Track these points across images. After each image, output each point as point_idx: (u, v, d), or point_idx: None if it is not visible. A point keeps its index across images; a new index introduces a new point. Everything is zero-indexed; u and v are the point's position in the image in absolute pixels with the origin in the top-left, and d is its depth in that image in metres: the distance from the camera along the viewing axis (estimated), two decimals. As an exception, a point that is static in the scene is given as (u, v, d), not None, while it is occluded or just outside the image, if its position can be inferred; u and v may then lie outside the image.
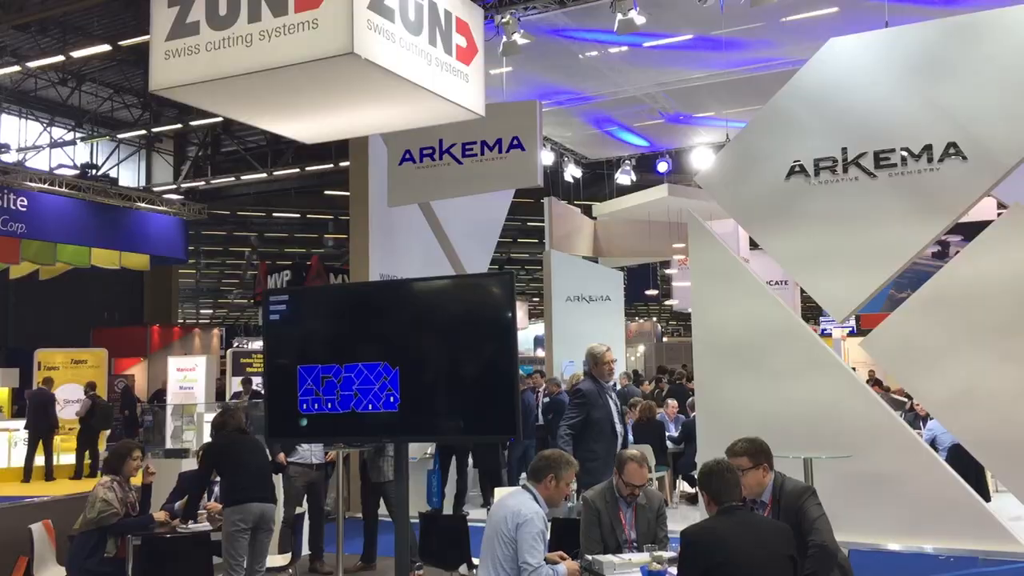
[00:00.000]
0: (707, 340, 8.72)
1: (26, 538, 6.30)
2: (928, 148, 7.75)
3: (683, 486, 11.03)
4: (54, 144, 18.74)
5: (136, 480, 6.57)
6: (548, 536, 4.56)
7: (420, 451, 10.53)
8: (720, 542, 3.78)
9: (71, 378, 15.95)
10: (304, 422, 3.98)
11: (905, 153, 7.83)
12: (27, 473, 13.97)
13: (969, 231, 9.50)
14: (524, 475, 5.14)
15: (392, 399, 3.84)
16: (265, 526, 6.17)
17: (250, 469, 6.14)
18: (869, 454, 7.41)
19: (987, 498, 8.13)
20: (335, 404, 3.89)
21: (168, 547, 5.55)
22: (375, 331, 4.07)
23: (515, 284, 3.94)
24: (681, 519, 8.67)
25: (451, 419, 4.06)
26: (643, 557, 4.47)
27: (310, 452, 7.96)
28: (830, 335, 21.51)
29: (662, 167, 16.38)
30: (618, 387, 14.51)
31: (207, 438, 7.70)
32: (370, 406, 3.87)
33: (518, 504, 4.37)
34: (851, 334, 21.70)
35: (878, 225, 7.92)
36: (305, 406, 3.93)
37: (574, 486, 5.15)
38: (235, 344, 23.96)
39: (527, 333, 25.67)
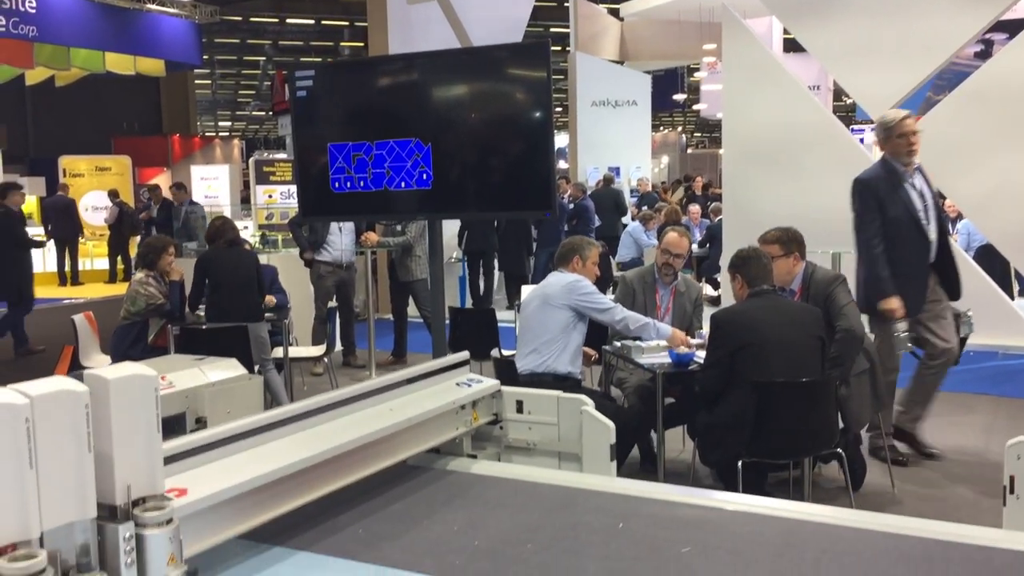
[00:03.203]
0: (738, 142, 8.59)
1: (69, 332, 6.52)
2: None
3: (706, 289, 11.16)
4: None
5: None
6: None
7: (446, 255, 10.63)
8: (749, 323, 3.83)
9: (96, 185, 16.04)
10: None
11: (955, -61, 7.31)
12: (61, 278, 14.35)
13: (1014, 28, 9.02)
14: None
15: (424, 176, 3.79)
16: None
17: (231, 287, 6.14)
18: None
19: (1011, 296, 8.19)
20: (367, 182, 3.84)
21: (207, 334, 5.72)
22: (405, 107, 3.94)
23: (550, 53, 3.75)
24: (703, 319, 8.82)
25: (484, 195, 3.99)
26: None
27: (340, 252, 8.05)
28: (862, 143, 21.02)
29: (694, -39, 15.46)
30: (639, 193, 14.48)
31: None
32: (402, 184, 3.82)
33: (558, 278, 4.44)
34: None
35: (921, 18, 7.56)
36: (337, 184, 3.89)
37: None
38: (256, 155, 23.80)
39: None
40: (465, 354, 2.91)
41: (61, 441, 1.45)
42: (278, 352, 6.55)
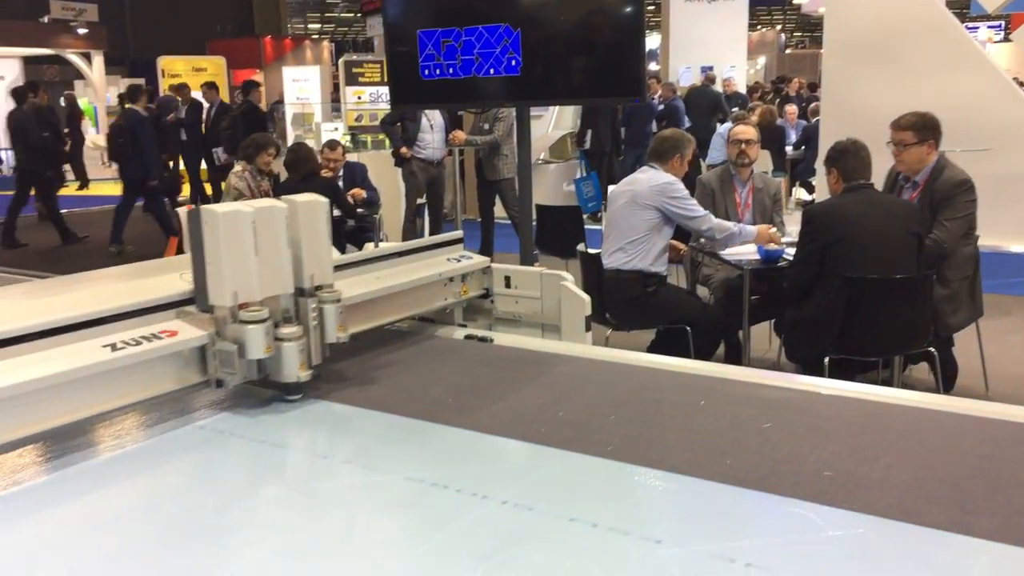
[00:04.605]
0: (841, 38, 8.19)
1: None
2: None
3: (800, 193, 10.87)
4: None
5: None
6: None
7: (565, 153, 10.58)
8: (843, 217, 3.74)
9: (193, 86, 16.36)
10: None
11: None
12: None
13: None
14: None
15: (513, 62, 3.76)
16: None
17: None
18: (1010, 153, 7.07)
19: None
20: (456, 69, 3.84)
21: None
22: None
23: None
24: (795, 225, 8.62)
25: (573, 81, 3.94)
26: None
27: (432, 150, 8.11)
28: (976, 39, 19.74)
29: None
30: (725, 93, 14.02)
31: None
32: (491, 70, 3.80)
33: (649, 177, 4.37)
34: (999, 39, 19.87)
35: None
36: (426, 72, 3.90)
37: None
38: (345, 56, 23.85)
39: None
40: (459, 233, 3.11)
41: (271, 238, 2.12)
42: (369, 248, 6.72)
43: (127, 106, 10.57)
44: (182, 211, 6.84)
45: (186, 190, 12.63)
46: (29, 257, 9.71)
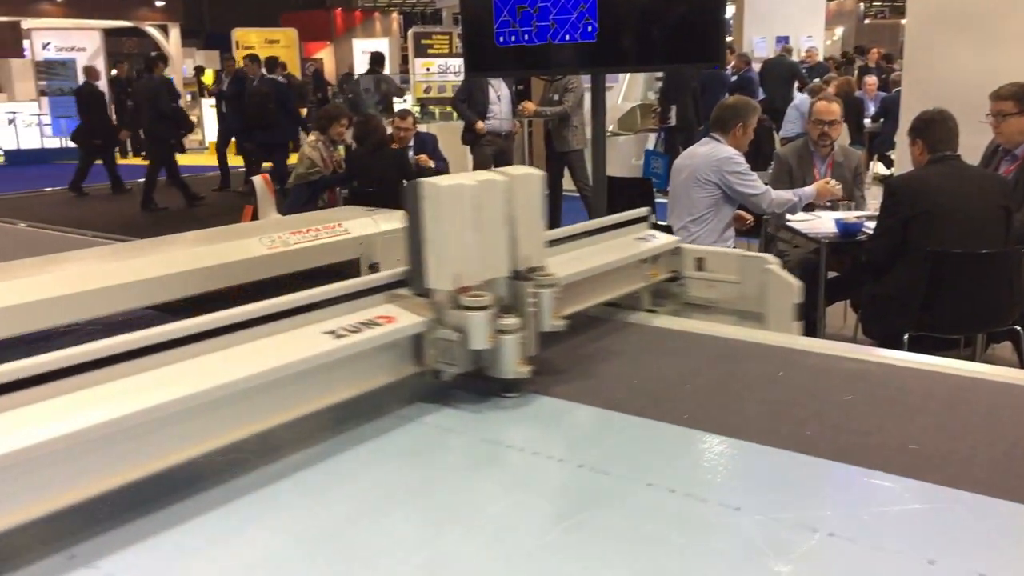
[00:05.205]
0: (926, 4, 7.88)
1: (250, 190, 6.96)
2: None
3: (877, 167, 10.56)
4: None
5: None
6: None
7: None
8: (927, 190, 3.63)
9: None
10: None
11: None
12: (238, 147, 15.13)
13: None
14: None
15: (590, 28, 3.71)
16: None
17: (374, 194, 6.20)
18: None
19: None
20: (531, 35, 3.82)
21: (375, 198, 5.95)
22: (571, -45, 3.83)
23: None
24: (872, 200, 8.39)
25: (650, 46, 3.86)
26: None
27: (499, 121, 8.11)
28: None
29: None
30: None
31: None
32: (567, 36, 3.77)
33: (709, 150, 4.30)
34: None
35: None
36: (502, 39, 3.89)
37: None
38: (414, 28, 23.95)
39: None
40: (645, 210, 2.83)
41: (491, 214, 1.93)
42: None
43: (266, 75, 12.12)
44: (257, 180, 6.98)
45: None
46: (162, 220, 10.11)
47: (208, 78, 19.73)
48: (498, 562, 1.31)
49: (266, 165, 11.25)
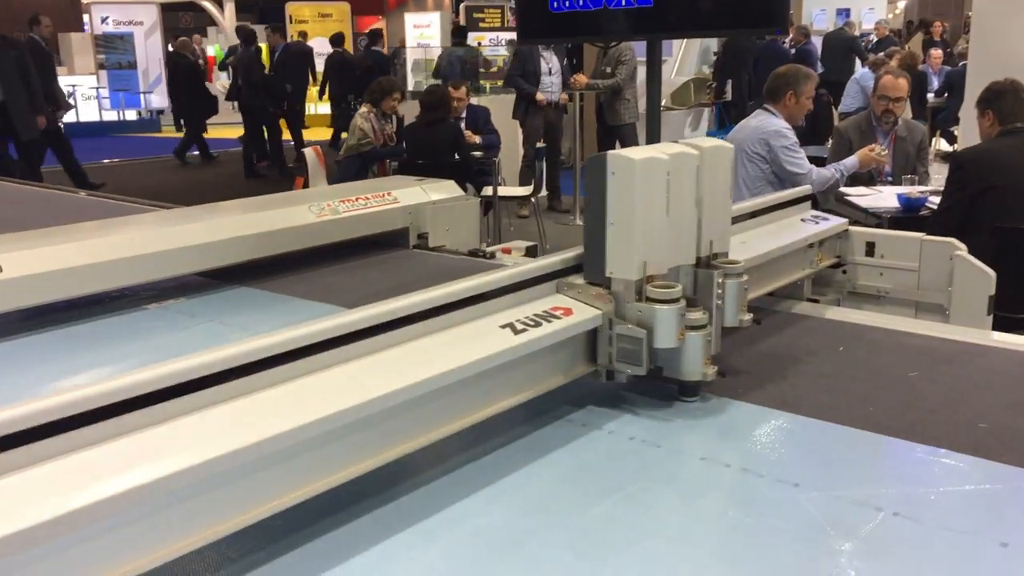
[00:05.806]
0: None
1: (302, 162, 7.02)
2: None
3: (940, 144, 10.24)
4: None
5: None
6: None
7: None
8: (996, 163, 3.48)
9: (319, 32, 16.70)
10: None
11: None
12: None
13: None
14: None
15: (647, -8, 3.62)
16: None
17: (427, 166, 6.11)
18: None
19: None
20: (586, 1, 3.73)
21: (425, 169, 5.94)
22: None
23: None
24: (934, 176, 8.13)
25: (710, 11, 3.73)
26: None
27: (548, 92, 8.05)
28: None
29: None
30: (875, 39, 13.25)
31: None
32: (623, 1, 3.67)
33: (759, 122, 4.19)
34: None
35: None
36: (556, 4, 3.81)
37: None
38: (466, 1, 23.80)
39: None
40: (807, 188, 2.63)
41: (681, 193, 1.67)
42: (486, 191, 6.72)
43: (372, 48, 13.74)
44: (308, 151, 7.00)
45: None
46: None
47: (219, 53, 19.84)
48: None
49: (320, 138, 11.43)
